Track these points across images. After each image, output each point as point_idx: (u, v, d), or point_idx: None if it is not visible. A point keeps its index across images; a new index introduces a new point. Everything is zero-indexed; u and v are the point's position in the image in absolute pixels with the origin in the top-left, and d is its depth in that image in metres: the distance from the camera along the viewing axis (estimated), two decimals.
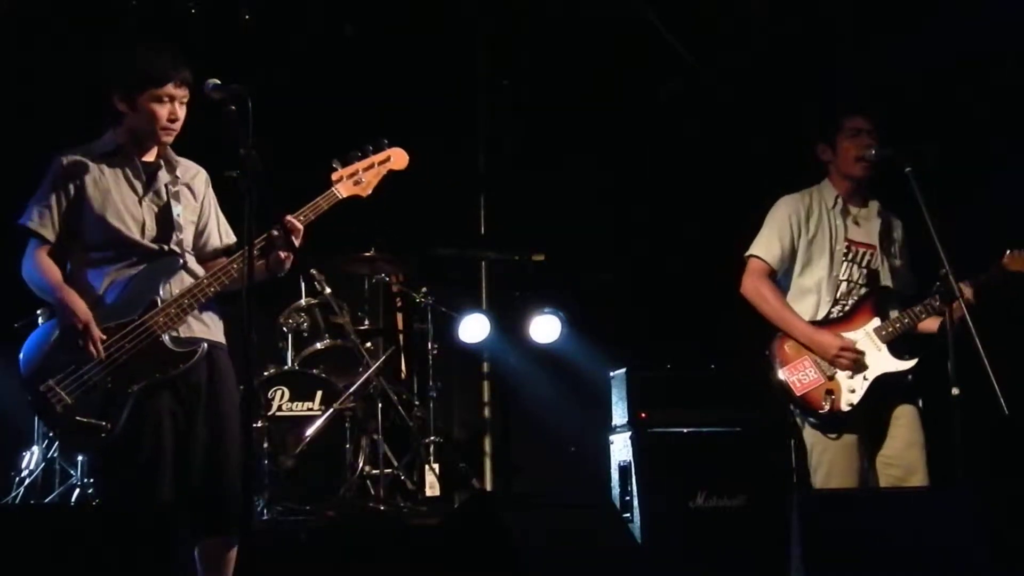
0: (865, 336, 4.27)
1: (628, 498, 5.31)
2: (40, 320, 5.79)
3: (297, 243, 3.55)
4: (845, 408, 4.18)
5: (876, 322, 4.27)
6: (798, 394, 4.23)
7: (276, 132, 3.80)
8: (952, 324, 3.98)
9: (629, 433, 5.41)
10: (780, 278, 4.46)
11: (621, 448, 5.49)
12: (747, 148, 6.53)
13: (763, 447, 5.21)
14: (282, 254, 3.58)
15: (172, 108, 3.57)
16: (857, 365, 4.21)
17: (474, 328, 6.67)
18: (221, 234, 3.81)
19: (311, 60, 6.64)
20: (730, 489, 5.26)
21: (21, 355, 3.55)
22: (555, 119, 7.04)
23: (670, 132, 6.92)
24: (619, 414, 5.60)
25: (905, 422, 4.25)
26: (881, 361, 4.24)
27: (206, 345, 3.58)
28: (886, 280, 4.39)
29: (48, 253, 3.58)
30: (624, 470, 5.41)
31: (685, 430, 5.38)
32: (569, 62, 6.86)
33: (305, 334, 6.08)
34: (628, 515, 5.26)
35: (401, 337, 7.04)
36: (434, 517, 5.43)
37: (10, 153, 5.82)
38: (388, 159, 3.79)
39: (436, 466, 6.34)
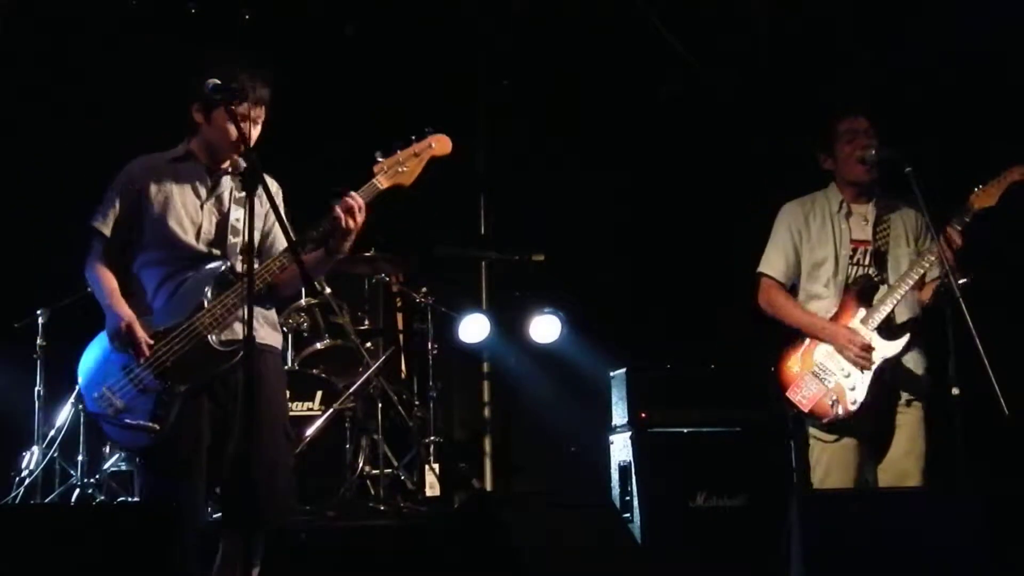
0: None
1: (628, 498, 5.32)
2: (40, 320, 5.83)
3: (359, 220, 3.55)
4: (851, 407, 4.18)
5: (862, 312, 4.27)
6: (807, 411, 4.26)
7: (276, 132, 3.79)
8: (924, 304, 4.10)
9: (629, 433, 5.41)
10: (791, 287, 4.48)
11: (621, 448, 5.49)
12: (747, 148, 6.53)
13: (763, 447, 5.22)
14: (350, 223, 3.56)
15: (245, 127, 3.56)
16: (866, 361, 4.20)
17: (474, 328, 6.67)
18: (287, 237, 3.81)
19: (311, 60, 6.64)
20: (730, 489, 5.26)
21: (79, 365, 3.64)
22: (555, 119, 7.04)
23: (670, 132, 6.92)
24: (619, 414, 5.60)
25: (906, 430, 4.25)
26: (875, 350, 4.24)
27: None
28: (881, 269, 4.38)
29: (107, 252, 3.66)
30: (624, 470, 5.41)
31: (685, 430, 5.38)
32: (569, 62, 6.85)
33: (305, 334, 6.07)
34: (628, 515, 5.27)
35: (401, 337, 7.04)
36: (434, 517, 5.43)
37: (17, 157, 5.88)
38: (430, 146, 3.77)
39: (436, 466, 6.33)
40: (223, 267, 3.62)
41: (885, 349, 4.22)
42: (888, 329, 4.25)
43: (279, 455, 3.64)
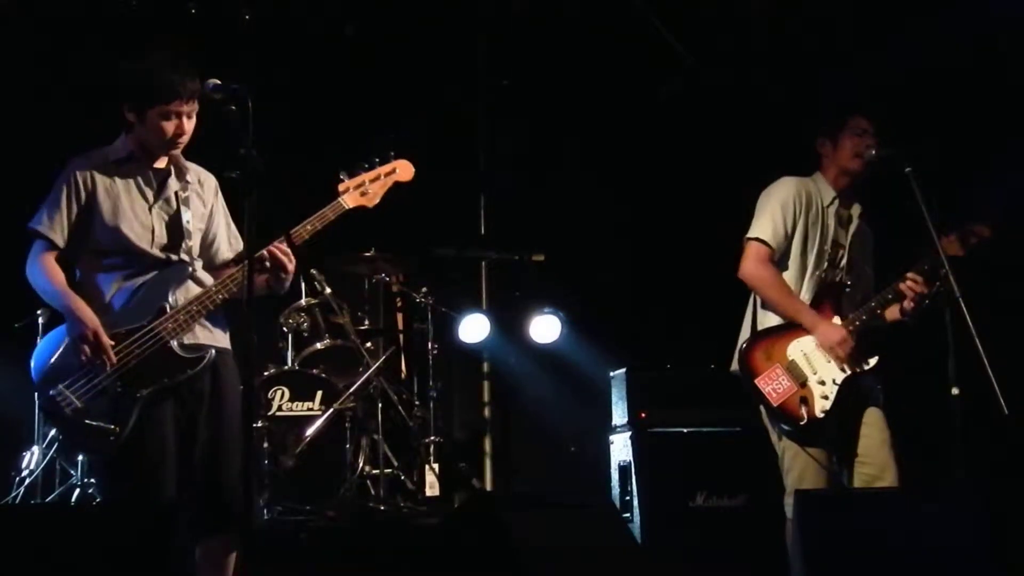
0: None
1: (628, 498, 5.32)
2: (40, 320, 5.81)
3: (289, 269, 3.61)
4: (820, 415, 4.15)
5: (837, 321, 4.26)
6: (775, 404, 4.17)
7: (277, 132, 3.79)
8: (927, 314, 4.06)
9: (629, 433, 5.42)
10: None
11: (621, 448, 5.49)
12: (747, 148, 6.53)
13: (763, 447, 5.21)
14: (281, 274, 3.63)
15: (179, 123, 3.58)
16: (851, 359, 4.20)
17: (474, 328, 6.67)
18: (231, 241, 3.84)
19: (311, 60, 6.63)
20: (730, 489, 5.26)
21: (32, 360, 3.61)
22: (555, 119, 7.04)
23: (670, 132, 6.92)
24: (619, 414, 5.61)
25: (873, 422, 4.24)
26: (849, 363, 4.23)
27: (214, 351, 3.62)
28: (856, 280, 4.38)
29: (55, 257, 3.62)
30: (624, 470, 5.41)
31: (685, 430, 5.38)
32: (569, 62, 6.85)
33: (305, 334, 6.08)
34: (628, 515, 5.27)
35: (401, 337, 7.04)
36: (434, 517, 5.44)
37: (18, 157, 5.87)
38: (394, 171, 3.86)
39: (436, 466, 6.34)
40: (186, 272, 3.63)
41: (857, 364, 4.22)
42: (861, 345, 4.24)
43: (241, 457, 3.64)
